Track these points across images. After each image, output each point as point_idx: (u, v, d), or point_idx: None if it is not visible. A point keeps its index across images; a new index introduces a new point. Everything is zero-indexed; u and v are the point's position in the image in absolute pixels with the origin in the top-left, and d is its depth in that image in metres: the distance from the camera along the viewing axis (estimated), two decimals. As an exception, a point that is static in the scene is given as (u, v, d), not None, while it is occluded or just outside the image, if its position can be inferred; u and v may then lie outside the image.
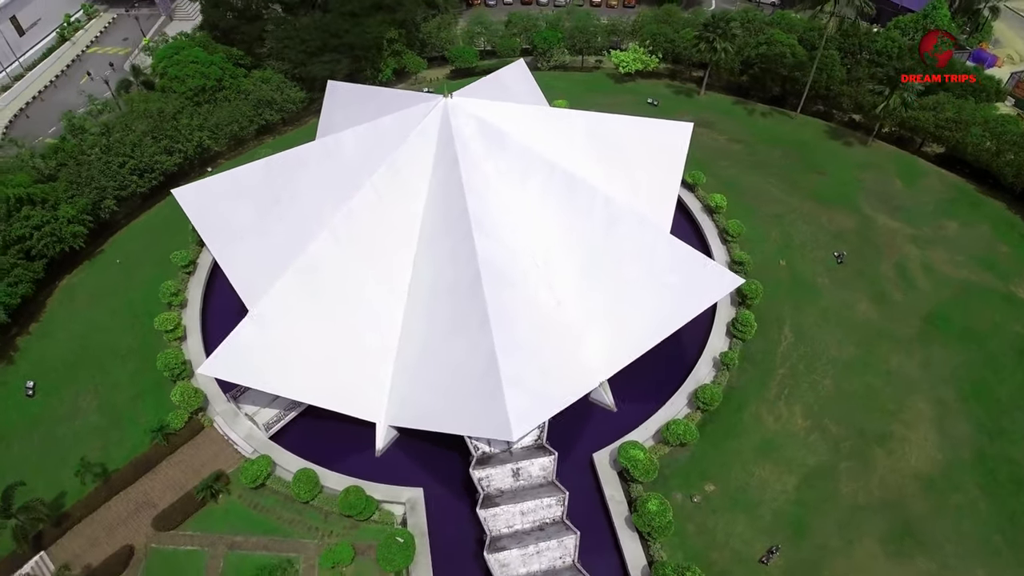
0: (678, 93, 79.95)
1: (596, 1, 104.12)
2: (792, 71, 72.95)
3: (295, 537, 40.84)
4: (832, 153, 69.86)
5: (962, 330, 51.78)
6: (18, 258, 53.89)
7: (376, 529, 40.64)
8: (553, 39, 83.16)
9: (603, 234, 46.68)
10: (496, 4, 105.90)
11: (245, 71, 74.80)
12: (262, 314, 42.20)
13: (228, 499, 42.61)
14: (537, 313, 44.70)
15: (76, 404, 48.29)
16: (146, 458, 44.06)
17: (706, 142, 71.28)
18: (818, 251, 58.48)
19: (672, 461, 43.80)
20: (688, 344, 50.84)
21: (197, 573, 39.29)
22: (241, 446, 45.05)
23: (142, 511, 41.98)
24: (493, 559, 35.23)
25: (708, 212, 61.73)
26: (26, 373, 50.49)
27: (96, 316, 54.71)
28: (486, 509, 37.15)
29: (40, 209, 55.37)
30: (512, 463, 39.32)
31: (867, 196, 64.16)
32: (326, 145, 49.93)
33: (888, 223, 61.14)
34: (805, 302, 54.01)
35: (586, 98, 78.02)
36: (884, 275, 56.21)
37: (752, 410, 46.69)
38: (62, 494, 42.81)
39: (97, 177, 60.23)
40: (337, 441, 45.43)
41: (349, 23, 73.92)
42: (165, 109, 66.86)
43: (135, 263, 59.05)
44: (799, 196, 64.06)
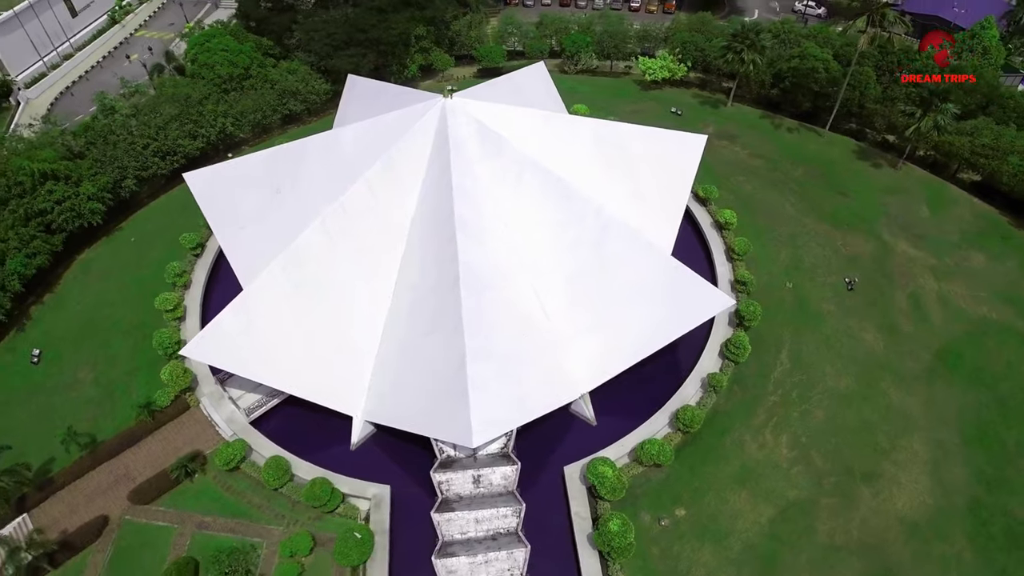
0: (704, 103, 78.05)
1: (635, 5, 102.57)
2: (824, 87, 70.28)
3: (261, 523, 41.53)
4: (858, 174, 67.05)
5: (973, 369, 49.01)
6: (38, 230, 56.34)
7: (339, 522, 40.95)
8: (582, 43, 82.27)
9: (594, 244, 45.96)
10: (533, 4, 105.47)
11: (274, 61, 76.47)
12: (246, 301, 43.01)
13: (203, 479, 43.64)
14: (519, 319, 44.35)
15: (75, 375, 50.23)
16: (131, 432, 45.49)
17: (726, 155, 69.41)
18: (829, 275, 56.21)
19: (644, 481, 42.83)
20: (678, 362, 49.69)
21: (164, 548, 40.35)
22: (222, 428, 46.07)
23: (121, 483, 43.35)
24: (440, 564, 35.11)
25: (718, 228, 60.07)
26: (34, 341, 52.80)
27: (106, 291, 56.80)
28: (441, 513, 37.05)
29: (63, 184, 57.81)
30: (474, 469, 39.11)
31: (889, 221, 61.34)
32: (327, 139, 50.56)
33: (908, 251, 58.33)
34: (807, 328, 52.02)
35: (609, 104, 77.06)
36: (896, 305, 53.66)
37: (735, 435, 45.24)
38: (50, 460, 44.58)
39: (120, 157, 62.52)
40: (314, 431, 45.91)
41: (375, 18, 74.72)
42: (192, 95, 68.92)
43: (149, 242, 61.05)
44: (816, 217, 61.71)
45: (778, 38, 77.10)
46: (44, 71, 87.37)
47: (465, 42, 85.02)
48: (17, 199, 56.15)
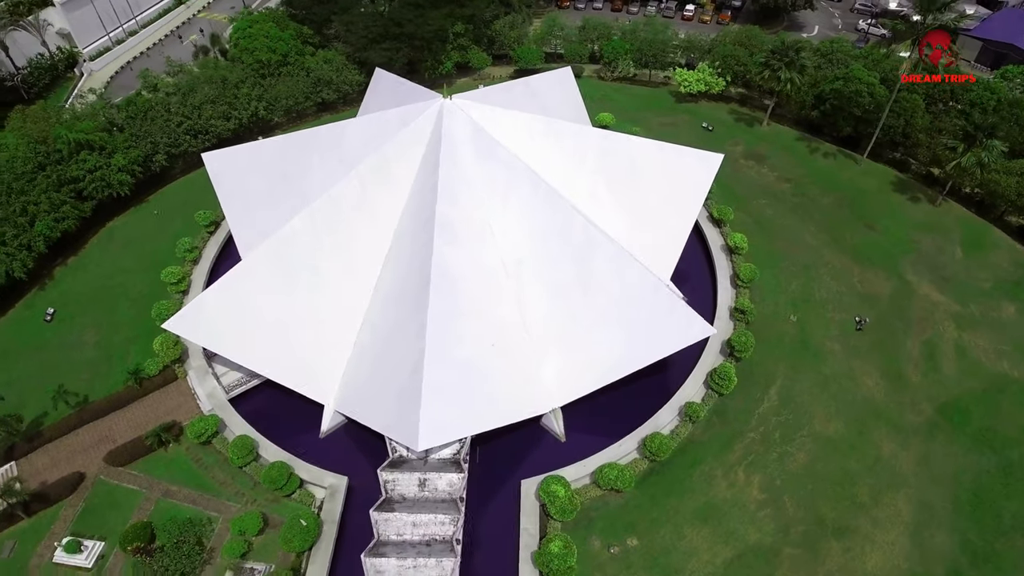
0: (740, 120, 75.15)
1: (688, 14, 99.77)
2: (867, 112, 66.43)
3: (222, 498, 42.82)
4: (891, 207, 63.09)
5: (981, 429, 45.38)
6: (69, 196, 59.74)
7: (293, 507, 41.74)
8: (620, 49, 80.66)
9: (576, 258, 45.04)
10: (584, 7, 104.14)
11: (313, 49, 78.40)
12: (230, 282, 44.33)
13: (177, 449, 45.30)
14: (494, 327, 43.97)
15: (81, 336, 53.09)
16: (119, 397, 47.72)
17: (751, 176, 66.68)
18: (838, 312, 53.19)
19: (602, 505, 41.75)
20: (660, 386, 48.09)
21: (128, 510, 42.16)
22: (202, 402, 47.71)
23: (102, 444, 45.54)
24: (369, 563, 35.23)
25: (727, 252, 57.79)
26: (52, 301, 56.12)
27: (123, 259, 59.75)
28: (380, 512, 37.17)
29: (96, 155, 61.08)
30: (421, 472, 39.04)
31: (916, 261, 57.46)
32: (332, 130, 51.38)
33: (931, 294, 54.50)
34: (805, 365, 49.42)
35: (639, 115, 75.32)
36: (907, 351, 50.27)
37: (706, 469, 43.49)
38: (43, 415, 47.25)
39: (154, 132, 65.57)
40: (288, 416, 46.71)
41: (412, 13, 75.46)
42: (229, 77, 71.51)
43: (170, 216, 63.80)
44: (836, 249, 58.46)
45: (826, 57, 73.39)
46: (109, 45, 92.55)
47: (504, 42, 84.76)
48: (53, 165, 59.71)
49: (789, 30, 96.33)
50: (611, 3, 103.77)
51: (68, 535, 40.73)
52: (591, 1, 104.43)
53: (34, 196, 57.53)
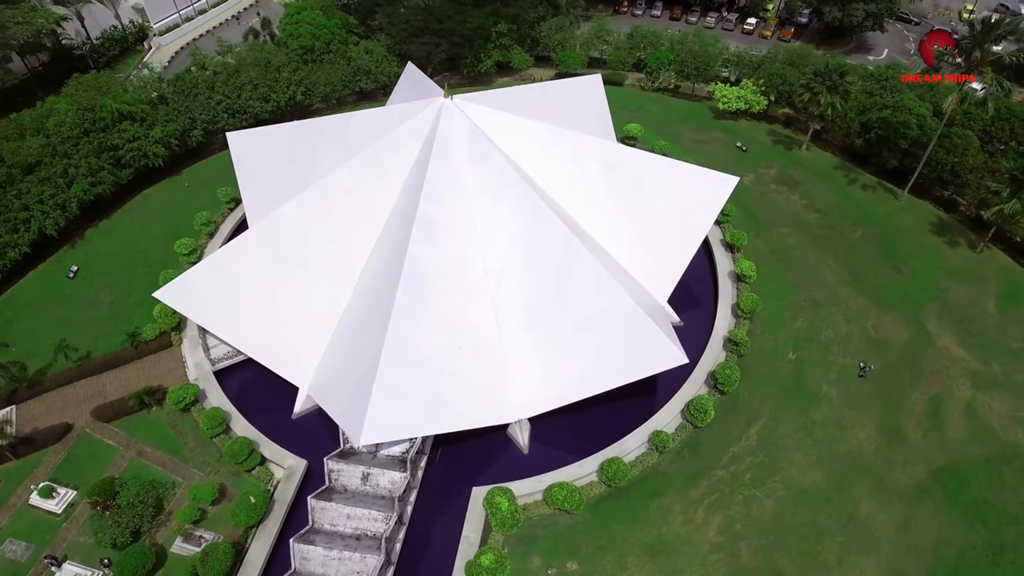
0: (779, 142, 71.64)
1: (748, 28, 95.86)
2: (914, 145, 62.00)
3: (189, 465, 44.61)
4: (925, 249, 58.63)
5: (976, 501, 41.65)
6: (107, 163, 63.45)
7: (251, 483, 43.01)
8: (664, 60, 78.42)
9: (557, 270, 44.20)
10: (643, 14, 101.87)
11: (357, 39, 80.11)
12: (219, 259, 46.02)
13: (159, 413, 47.44)
14: (464, 330, 43.69)
15: (97, 295, 56.38)
16: (116, 356, 50.45)
17: (778, 203, 63.51)
18: (843, 356, 49.99)
19: (550, 524, 40.92)
20: (635, 409, 46.59)
21: (104, 463, 44.55)
22: (189, 371, 49.82)
23: (93, 399, 48.24)
24: (297, 548, 35.86)
25: (735, 279, 55.30)
26: (77, 259, 59.88)
27: (149, 227, 62.98)
28: (318, 500, 37.76)
29: (136, 125, 64.65)
30: (366, 466, 39.34)
31: (942, 310, 53.21)
32: (339, 120, 52.47)
33: (951, 348, 50.37)
34: (794, 407, 46.75)
35: (673, 128, 73.15)
36: (910, 406, 46.71)
37: (664, 502, 41.88)
38: (48, 365, 50.46)
39: (194, 108, 68.76)
40: (266, 394, 47.81)
41: (453, 9, 75.87)
42: (272, 61, 74.05)
43: (199, 190, 66.73)
44: (855, 288, 54.89)
45: (879, 83, 68.92)
46: (178, 22, 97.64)
47: (549, 44, 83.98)
48: (97, 132, 63.52)
49: (856, 52, 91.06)
50: (670, 11, 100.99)
51: (47, 480, 43.44)
52: (649, 8, 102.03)
53: (76, 160, 61.40)
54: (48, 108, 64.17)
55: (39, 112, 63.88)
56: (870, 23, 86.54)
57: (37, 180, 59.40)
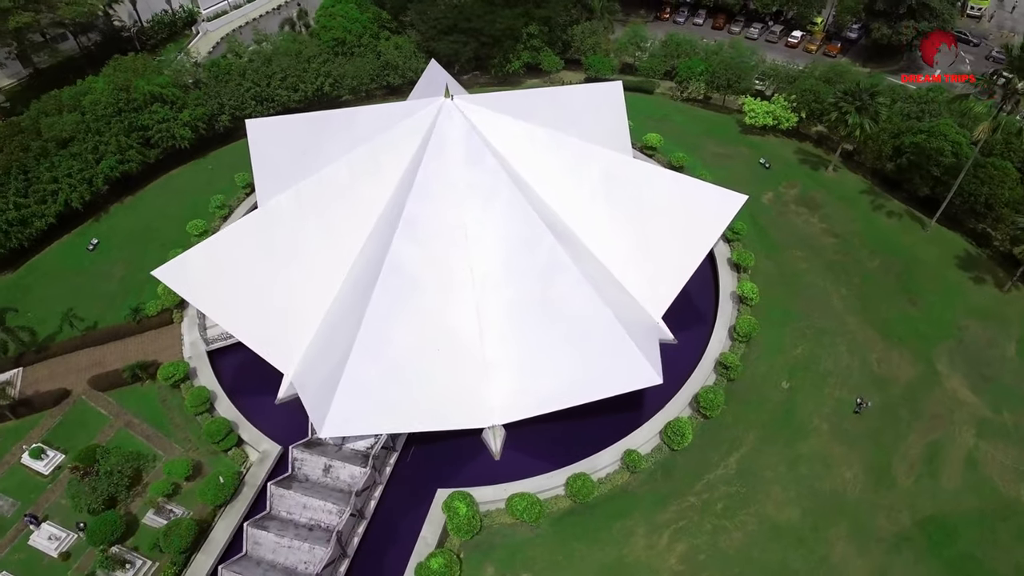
0: (805, 162, 68.88)
1: (793, 41, 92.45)
2: (947, 173, 58.70)
3: (171, 440, 46.09)
4: (947, 284, 55.39)
5: (962, 556, 39.17)
6: (136, 142, 66.02)
7: (225, 463, 44.10)
8: (695, 69, 76.49)
9: (539, 278, 43.75)
10: (685, 22, 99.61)
11: (389, 34, 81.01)
12: (215, 242, 47.20)
13: (152, 387, 49.11)
14: (443, 331, 43.64)
15: (111, 269, 58.78)
16: (118, 329, 52.55)
17: (795, 224, 61.11)
18: (840, 388, 47.77)
19: (510, 533, 40.56)
20: (615, 425, 45.63)
21: (94, 430, 46.57)
22: (185, 348, 51.43)
23: (92, 368, 50.33)
24: (250, 532, 36.52)
25: (736, 300, 53.54)
26: (99, 232, 62.58)
27: (169, 207, 65.23)
28: (277, 487, 38.37)
29: (166, 108, 67.05)
30: (328, 459, 39.75)
31: (956, 350, 50.20)
32: (347, 114, 52.99)
33: (959, 391, 47.48)
34: (779, 439, 44.95)
35: (695, 141, 71.31)
36: (905, 449, 44.26)
37: (628, 524, 40.91)
38: (56, 333, 52.91)
39: (223, 94, 70.86)
40: (254, 378, 48.76)
41: (483, 9, 75.82)
42: (303, 52, 75.63)
43: (221, 173, 68.66)
44: (864, 319, 52.35)
45: (919, 105, 65.47)
46: (227, 9, 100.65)
47: (580, 48, 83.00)
48: (128, 112, 66.15)
49: (907, 71, 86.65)
50: (713, 20, 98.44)
51: (39, 442, 45.56)
52: (692, 16, 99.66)
53: (106, 137, 64.14)
54: (86, 87, 67.14)
55: (77, 90, 66.90)
56: (919, 42, 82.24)
57: (69, 155, 62.36)
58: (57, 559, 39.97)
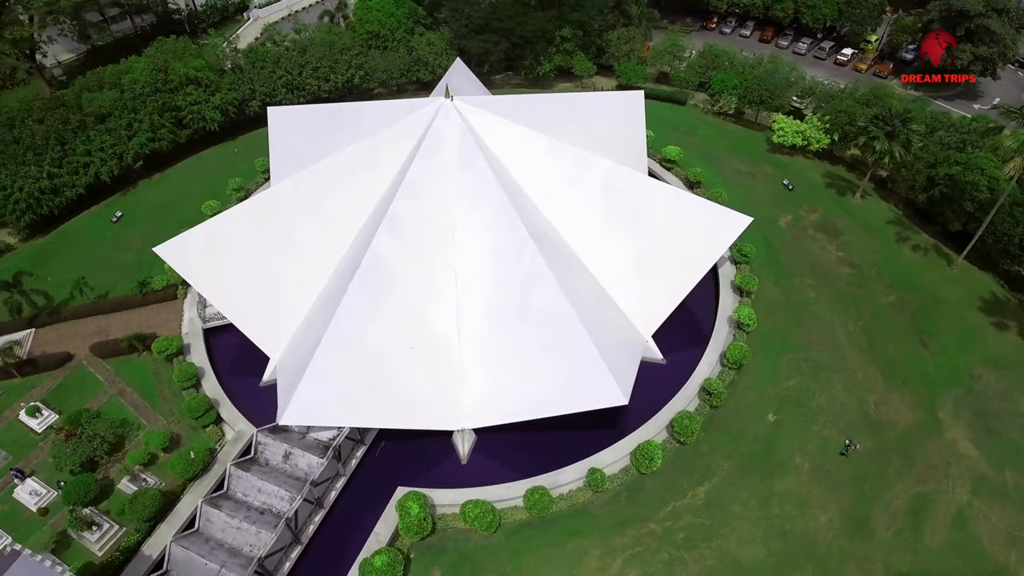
0: (832, 186, 65.80)
1: (843, 59, 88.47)
2: (981, 209, 55.09)
3: (157, 411, 47.84)
4: (966, 327, 51.94)
5: (933, 620, 36.77)
6: (169, 121, 68.73)
7: (203, 439, 45.43)
8: (728, 83, 74.15)
9: (519, 287, 43.31)
10: (731, 33, 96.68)
11: (423, 30, 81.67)
12: (214, 225, 48.58)
13: (147, 358, 51.07)
14: (421, 331, 43.73)
15: (129, 242, 61.34)
16: (126, 300, 54.90)
17: (811, 250, 58.49)
18: (830, 428, 45.53)
19: (462, 538, 40.42)
20: (586, 441, 44.79)
21: (89, 394, 48.83)
22: (184, 324, 53.27)
23: (96, 336, 52.76)
24: (204, 509, 37.53)
25: (732, 325, 51.68)
26: (124, 206, 65.50)
27: (193, 186, 67.67)
28: (236, 468, 39.24)
29: (199, 90, 69.52)
30: (289, 446, 40.42)
31: (963, 398, 47.07)
32: (356, 108, 53.75)
33: (960, 443, 44.50)
34: (756, 472, 43.20)
35: (719, 155, 69.31)
36: (889, 498, 41.80)
37: (584, 543, 40.12)
38: (70, 299, 55.61)
39: (255, 80, 72.98)
40: (244, 359, 50.26)
41: (515, 9, 75.47)
42: (336, 43, 77.08)
43: (246, 157, 70.72)
44: (868, 357, 49.70)
45: (960, 135, 61.58)
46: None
47: (614, 54, 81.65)
48: (164, 93, 68.89)
49: (959, 98, 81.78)
50: (761, 32, 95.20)
51: (38, 401, 48.05)
52: (739, 27, 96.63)
53: (141, 115, 66.99)
54: (128, 66, 70.23)
55: (120, 68, 70.07)
56: (979, 68, 77.40)
57: (105, 130, 65.46)
58: (36, 513, 42.05)
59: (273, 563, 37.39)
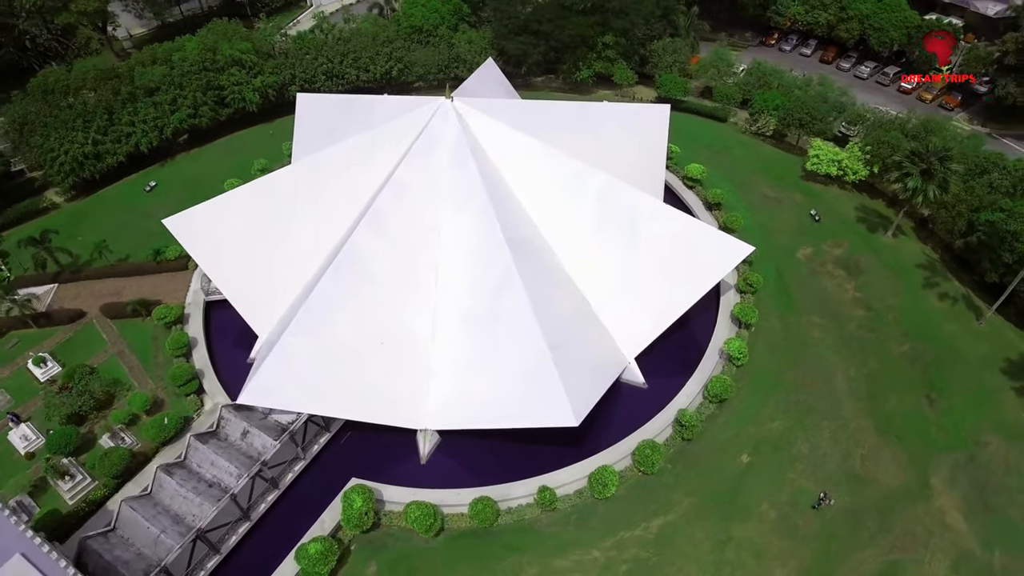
0: (863, 221, 61.74)
1: (907, 87, 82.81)
2: (1019, 262, 50.51)
3: (148, 375, 50.34)
4: (983, 390, 47.66)
5: None
6: (212, 100, 71.88)
7: (183, 407, 47.39)
8: (771, 102, 70.86)
9: (492, 295, 43.03)
10: (791, 51, 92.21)
11: (467, 27, 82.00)
12: (217, 204, 50.38)
13: (149, 323, 53.69)
14: (395, 327, 44.24)
15: (157, 211, 63.21)
16: (142, 266, 58.00)
17: (826, 287, 55.18)
18: (807, 478, 42.95)
19: (405, 537, 40.69)
20: (552, 456, 43.93)
21: (92, 351, 52.00)
22: (188, 295, 55.72)
23: (110, 297, 55.95)
24: (158, 475, 39.09)
25: (724, 357, 49.44)
26: (159, 176, 69.08)
27: (224, 163, 70.45)
28: (196, 439, 40.68)
29: (242, 72, 72.37)
30: (248, 424, 41.55)
31: (962, 466, 43.30)
32: (370, 101, 54.70)
33: (950, 515, 40.98)
34: (716, 514, 41.29)
35: (745, 177, 66.54)
36: (854, 561, 39.05)
37: (522, 561, 39.66)
38: (93, 260, 59.04)
39: (297, 66, 75.31)
40: (239, 333, 51.96)
41: (555, 12, 74.52)
42: (380, 35, 78.49)
43: (278, 139, 72.77)
44: (864, 408, 46.52)
45: (1016, 179, 56.57)
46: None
47: (658, 64, 79.46)
48: (210, 72, 72.07)
49: None
50: (823, 52, 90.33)
51: (47, 352, 51.42)
52: (800, 46, 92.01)
53: (186, 92, 70.42)
54: (181, 44, 73.93)
55: (173, 46, 73.86)
56: (1053, 106, 70.86)
57: (151, 103, 69.23)
58: (23, 457, 45.05)
59: (217, 536, 38.67)
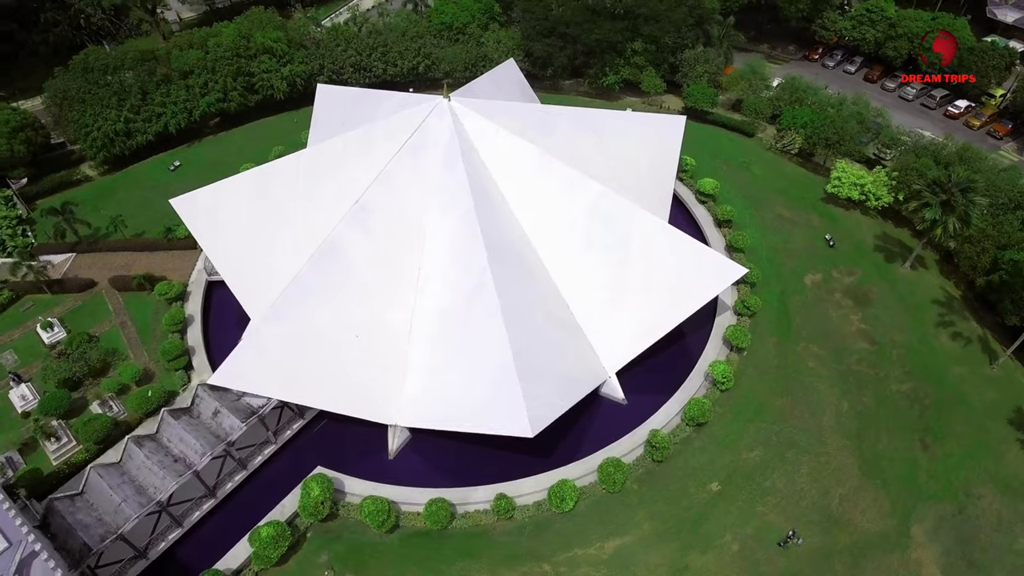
0: (880, 250, 58.70)
1: (954, 111, 78.35)
2: (1042, 307, 47.28)
3: (144, 347, 52.19)
4: (984, 439, 44.69)
5: None
6: (241, 85, 73.97)
7: (170, 381, 48.99)
8: (800, 120, 68.25)
9: (466, 299, 42.92)
10: (835, 67, 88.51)
11: (498, 26, 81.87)
12: (220, 187, 51.72)
13: (152, 298, 55.61)
14: (377, 322, 44.65)
15: (176, 190, 65.22)
16: (153, 242, 60.22)
17: (830, 317, 52.80)
18: (777, 514, 41.24)
19: (359, 530, 41.05)
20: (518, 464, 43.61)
21: (98, 320, 54.26)
22: (193, 273, 57.56)
23: (121, 269, 58.28)
24: (128, 446, 40.45)
25: (709, 380, 47.94)
26: (185, 157, 71.55)
27: (248, 147, 72.46)
28: (169, 414, 41.95)
29: (272, 60, 74.23)
30: (219, 404, 42.56)
31: (948, 519, 40.71)
32: (380, 96, 55.30)
33: (927, 569, 38.62)
34: (676, 541, 40.13)
35: (762, 196, 64.37)
36: (816, 606, 37.31)
37: (470, 566, 39.55)
38: (110, 232, 61.64)
39: (326, 57, 76.76)
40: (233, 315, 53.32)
41: (583, 16, 73.47)
42: (409, 30, 79.20)
43: (300, 127, 74.12)
44: (848, 445, 44.37)
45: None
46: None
47: (688, 74, 77.53)
48: (242, 58, 74.17)
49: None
50: (868, 70, 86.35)
51: (56, 318, 53.98)
52: (844, 62, 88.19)
53: (217, 76, 72.70)
54: (218, 30, 76.34)
55: (210, 32, 76.33)
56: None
57: (184, 86, 71.78)
58: (19, 415, 47.42)
59: (180, 510, 39.85)
